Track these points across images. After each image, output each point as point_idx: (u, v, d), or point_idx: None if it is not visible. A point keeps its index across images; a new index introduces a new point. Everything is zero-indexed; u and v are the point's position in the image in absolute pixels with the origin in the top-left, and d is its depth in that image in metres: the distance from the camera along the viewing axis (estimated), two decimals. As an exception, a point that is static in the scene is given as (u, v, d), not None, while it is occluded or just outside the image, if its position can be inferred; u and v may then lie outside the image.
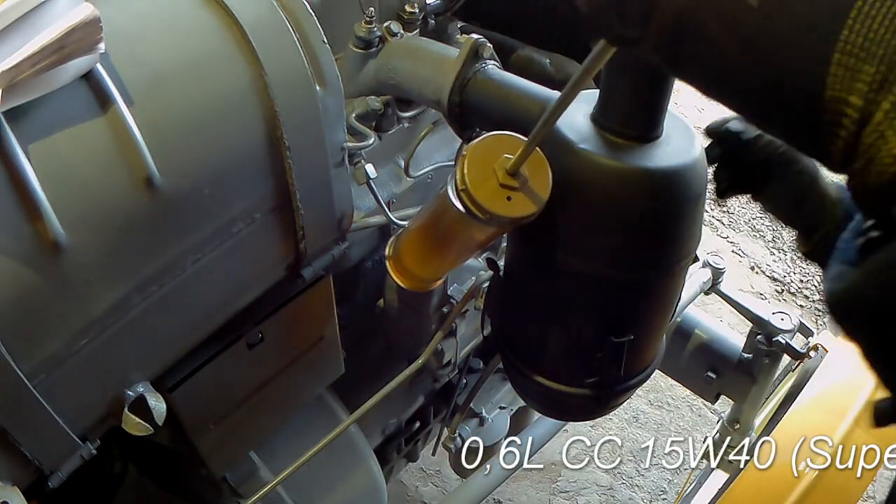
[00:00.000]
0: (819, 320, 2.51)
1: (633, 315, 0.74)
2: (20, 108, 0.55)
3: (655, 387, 2.36)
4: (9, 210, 0.55)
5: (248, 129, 0.67)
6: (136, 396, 0.68)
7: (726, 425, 1.61)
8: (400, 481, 2.06)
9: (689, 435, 2.27)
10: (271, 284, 0.80)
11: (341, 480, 1.14)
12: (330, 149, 0.74)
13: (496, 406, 1.54)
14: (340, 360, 1.00)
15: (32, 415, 0.60)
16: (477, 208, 0.60)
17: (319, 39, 0.71)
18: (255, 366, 0.86)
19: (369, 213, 0.95)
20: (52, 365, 0.60)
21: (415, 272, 0.82)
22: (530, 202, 0.61)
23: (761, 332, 1.43)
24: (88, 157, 0.58)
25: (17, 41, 0.53)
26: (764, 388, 1.51)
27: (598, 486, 2.13)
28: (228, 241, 0.69)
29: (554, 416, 1.18)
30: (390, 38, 0.86)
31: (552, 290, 0.73)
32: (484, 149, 0.62)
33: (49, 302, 0.58)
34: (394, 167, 1.02)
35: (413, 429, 1.41)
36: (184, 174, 0.63)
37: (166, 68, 0.63)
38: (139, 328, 0.65)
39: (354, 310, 1.07)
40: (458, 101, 0.81)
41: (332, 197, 0.78)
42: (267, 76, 0.67)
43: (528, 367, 0.82)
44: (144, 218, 0.61)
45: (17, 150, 0.55)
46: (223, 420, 0.87)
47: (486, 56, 0.82)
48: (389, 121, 0.91)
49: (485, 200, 0.60)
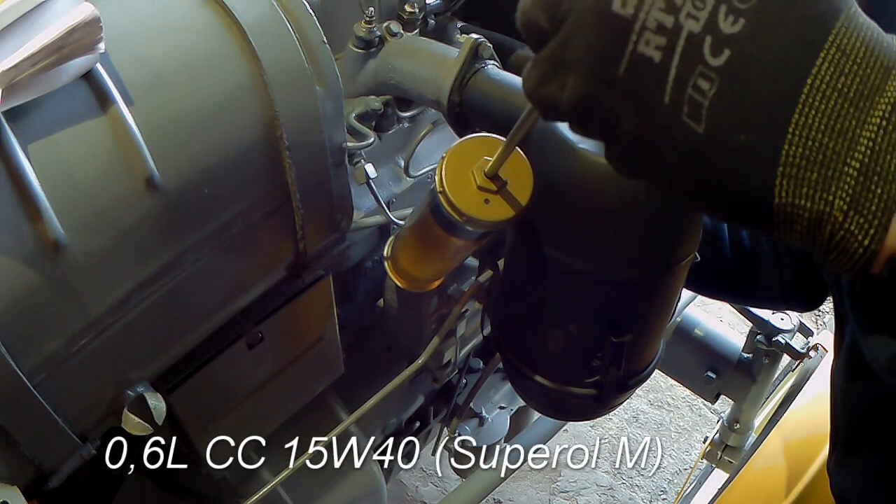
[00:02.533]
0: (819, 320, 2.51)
1: (633, 315, 0.73)
2: (20, 107, 0.55)
3: (655, 387, 2.36)
4: (9, 210, 0.55)
5: (248, 129, 0.67)
6: (136, 396, 0.68)
7: (726, 425, 1.61)
8: (400, 481, 2.06)
9: (688, 435, 2.27)
10: (271, 284, 0.80)
11: (341, 480, 1.14)
12: (330, 149, 0.74)
13: (496, 406, 1.54)
14: (340, 360, 1.00)
15: (32, 415, 0.60)
16: (454, 211, 0.60)
17: (319, 39, 0.71)
18: (255, 366, 0.86)
19: (369, 213, 0.95)
20: (52, 365, 0.60)
21: (412, 273, 0.82)
22: (508, 206, 0.60)
23: (761, 331, 1.43)
24: (88, 157, 0.58)
25: (17, 41, 0.53)
26: (764, 388, 1.51)
27: (598, 486, 2.13)
28: (228, 241, 0.69)
29: (554, 416, 1.18)
30: (390, 38, 0.86)
31: (551, 289, 0.73)
32: (464, 150, 0.61)
33: (49, 302, 0.58)
34: (394, 167, 1.02)
35: (413, 429, 1.41)
36: (184, 174, 0.63)
37: (166, 68, 0.63)
38: (139, 328, 0.65)
39: (354, 310, 1.07)
40: (458, 101, 0.81)
41: (331, 197, 0.78)
42: (267, 76, 0.67)
43: (528, 367, 0.82)
44: (144, 218, 0.61)
45: (17, 150, 0.55)
46: (223, 420, 0.87)
47: (486, 56, 0.82)
48: (389, 121, 0.91)
49: (461, 203, 0.59)
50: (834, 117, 0.30)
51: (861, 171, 0.30)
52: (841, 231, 0.30)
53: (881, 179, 0.29)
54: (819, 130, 0.30)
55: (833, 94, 0.30)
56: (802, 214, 0.31)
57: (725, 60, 0.31)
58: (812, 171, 0.30)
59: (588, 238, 0.68)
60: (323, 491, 1.13)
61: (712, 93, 0.31)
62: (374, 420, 1.27)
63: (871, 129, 0.30)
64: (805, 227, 0.31)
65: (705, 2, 0.31)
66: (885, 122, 0.30)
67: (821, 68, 0.30)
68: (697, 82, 0.31)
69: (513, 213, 0.60)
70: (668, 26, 0.31)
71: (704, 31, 0.31)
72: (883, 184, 0.29)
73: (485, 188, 0.60)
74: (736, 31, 0.30)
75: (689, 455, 2.22)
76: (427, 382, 1.31)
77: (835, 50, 0.30)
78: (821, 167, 0.30)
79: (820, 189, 0.30)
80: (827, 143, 0.30)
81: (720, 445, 1.63)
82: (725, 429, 1.61)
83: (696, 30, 0.31)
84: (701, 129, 0.31)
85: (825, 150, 0.30)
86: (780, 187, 0.31)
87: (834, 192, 0.30)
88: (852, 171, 0.30)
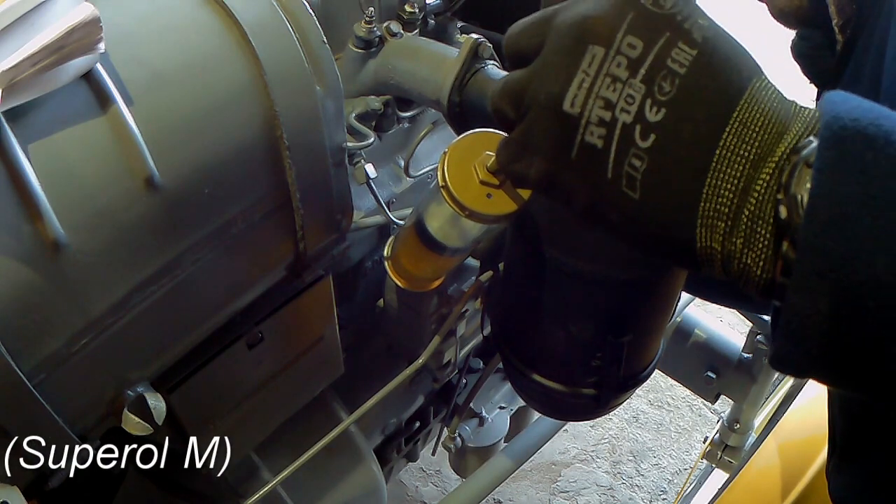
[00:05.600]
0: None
1: (633, 315, 0.74)
2: (20, 108, 0.55)
3: (655, 387, 2.36)
4: (9, 210, 0.55)
5: (248, 129, 0.67)
6: (135, 396, 0.68)
7: (726, 425, 1.61)
8: (400, 481, 2.06)
9: (688, 435, 2.27)
10: (271, 284, 0.80)
11: (341, 480, 1.14)
12: (330, 149, 0.74)
13: (496, 406, 1.54)
14: (340, 360, 1.00)
15: (32, 415, 0.60)
16: (457, 206, 0.60)
17: (319, 39, 0.71)
18: (255, 366, 0.86)
19: (369, 213, 0.95)
20: (52, 365, 0.60)
21: (412, 272, 0.82)
22: (511, 201, 0.60)
23: (761, 331, 1.43)
24: (88, 157, 0.58)
25: (17, 41, 0.53)
26: (764, 388, 1.51)
27: (598, 486, 2.13)
28: (228, 241, 0.69)
29: (554, 416, 1.18)
30: (390, 38, 0.86)
31: (551, 289, 0.73)
32: (466, 146, 0.61)
33: (49, 302, 0.58)
34: (394, 167, 1.02)
35: (413, 429, 1.41)
36: (184, 174, 0.63)
37: (166, 68, 0.63)
38: (139, 328, 0.65)
39: (354, 310, 1.07)
40: (458, 101, 0.81)
41: (331, 197, 0.78)
42: (267, 76, 0.67)
43: (527, 367, 0.82)
44: (144, 218, 0.61)
45: (17, 150, 0.55)
46: (223, 420, 0.87)
47: (486, 56, 0.82)
48: (389, 121, 0.91)
49: (464, 198, 0.60)
50: (736, 178, 0.38)
51: (750, 218, 0.37)
52: (741, 265, 0.38)
53: (764, 223, 0.37)
54: (725, 189, 0.38)
55: (736, 159, 0.38)
56: (717, 255, 0.39)
57: (652, 143, 0.39)
58: (720, 222, 0.38)
59: (588, 238, 0.68)
60: (323, 491, 1.13)
61: (644, 168, 0.39)
62: (374, 420, 1.27)
63: (761, 185, 0.37)
64: (720, 264, 0.39)
65: (634, 98, 0.39)
66: (770, 179, 0.37)
67: (726, 140, 0.38)
68: (632, 161, 0.39)
69: (515, 208, 0.60)
70: (606, 120, 0.39)
71: (635, 121, 0.39)
72: (766, 226, 0.37)
73: (487, 183, 0.60)
74: (659, 118, 0.39)
75: (689, 455, 2.22)
76: (427, 382, 1.31)
77: (738, 124, 0.38)
78: (727, 218, 0.38)
79: (727, 235, 0.38)
80: (731, 199, 0.38)
81: (720, 445, 1.63)
82: (725, 429, 1.61)
83: (628, 121, 0.39)
84: (637, 196, 0.40)
85: (729, 205, 0.38)
86: (699, 236, 0.39)
87: (736, 235, 0.38)
88: (745, 219, 0.38)
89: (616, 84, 0.39)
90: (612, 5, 0.40)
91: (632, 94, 0.39)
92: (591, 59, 0.39)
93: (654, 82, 0.39)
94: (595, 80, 0.39)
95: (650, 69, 0.39)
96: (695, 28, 0.39)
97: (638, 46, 0.39)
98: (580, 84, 0.40)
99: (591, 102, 0.39)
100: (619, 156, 0.39)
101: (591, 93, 0.39)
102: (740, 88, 0.38)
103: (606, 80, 0.39)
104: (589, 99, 0.40)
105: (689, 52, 0.39)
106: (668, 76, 0.38)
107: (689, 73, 0.38)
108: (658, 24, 0.39)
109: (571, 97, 0.40)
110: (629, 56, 0.39)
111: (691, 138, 0.38)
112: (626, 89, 0.39)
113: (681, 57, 0.39)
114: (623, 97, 0.39)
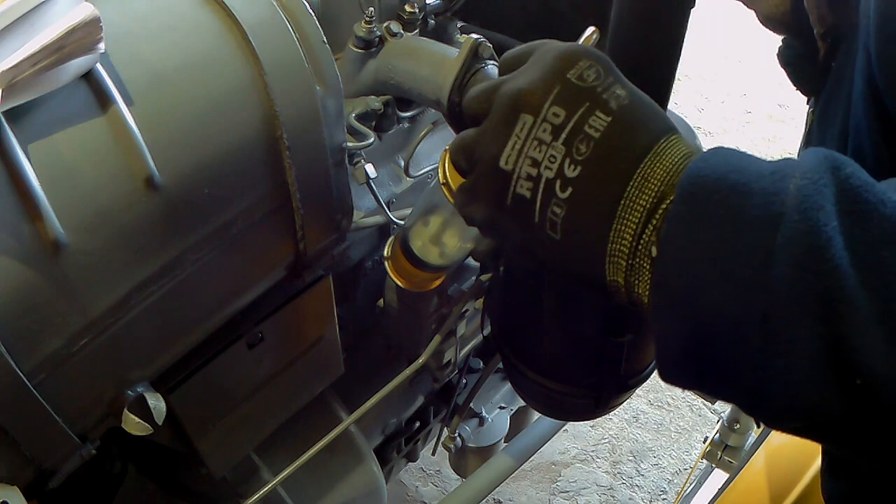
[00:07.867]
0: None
1: (633, 315, 0.74)
2: (20, 107, 0.55)
3: (655, 387, 2.36)
4: (9, 210, 0.55)
5: (248, 129, 0.67)
6: (136, 396, 0.68)
7: (726, 425, 1.61)
8: (400, 481, 2.06)
9: (688, 435, 2.27)
10: (271, 284, 0.80)
11: (341, 480, 1.14)
12: (330, 149, 0.74)
13: (496, 406, 1.54)
14: (340, 360, 1.00)
15: (32, 415, 0.60)
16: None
17: (319, 39, 0.71)
18: (255, 366, 0.86)
19: (369, 213, 0.95)
20: (52, 365, 0.60)
21: (412, 272, 0.82)
22: None
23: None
24: (88, 157, 0.58)
25: (17, 41, 0.53)
26: (764, 388, 1.50)
27: (598, 486, 2.13)
28: (228, 241, 0.69)
29: (554, 416, 1.18)
30: (390, 38, 0.87)
31: (551, 289, 0.73)
32: None
33: (49, 301, 0.58)
34: (394, 167, 1.02)
35: (413, 429, 1.41)
36: (184, 174, 0.63)
37: (166, 68, 0.63)
38: (139, 328, 0.65)
39: (354, 310, 1.07)
40: (458, 101, 0.81)
41: (331, 197, 0.78)
42: (266, 76, 0.67)
43: (528, 367, 0.82)
44: (144, 218, 0.61)
45: (17, 150, 0.55)
46: (223, 420, 0.87)
47: (486, 56, 0.82)
48: (389, 121, 0.91)
49: None
50: (634, 223, 0.44)
51: (640, 257, 0.45)
52: (636, 296, 0.46)
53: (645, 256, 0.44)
54: (626, 232, 0.45)
55: (636, 208, 0.44)
56: (621, 287, 0.46)
57: (569, 195, 0.46)
58: (622, 260, 0.45)
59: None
60: (323, 491, 1.13)
61: (563, 215, 0.46)
62: (374, 420, 1.27)
63: (650, 229, 0.44)
64: (625, 293, 0.47)
65: (556, 157, 0.46)
66: (657, 223, 0.44)
67: (630, 192, 0.44)
68: (553, 209, 0.46)
69: None
70: (533, 175, 0.47)
71: (556, 176, 0.46)
72: (642, 259, 0.45)
73: None
74: (576, 174, 0.46)
75: (689, 455, 2.22)
76: (427, 382, 1.31)
77: (640, 178, 0.44)
78: (627, 256, 0.45)
79: (626, 269, 0.45)
80: (630, 241, 0.45)
81: (720, 445, 1.63)
82: (725, 429, 1.61)
83: (550, 176, 0.46)
84: (558, 238, 0.47)
85: (629, 245, 0.45)
86: (608, 271, 0.46)
87: (630, 268, 0.45)
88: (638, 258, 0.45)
89: (542, 146, 0.46)
90: (542, 80, 0.47)
91: (554, 155, 0.46)
92: (523, 126, 0.47)
93: (572, 145, 0.46)
94: (525, 142, 0.47)
95: (570, 134, 0.46)
96: (612, 98, 0.46)
97: (561, 115, 0.46)
98: (513, 146, 0.47)
99: (521, 161, 0.47)
100: (544, 204, 0.47)
101: (521, 153, 0.47)
102: (647, 148, 0.45)
103: (534, 143, 0.47)
104: (520, 158, 0.47)
105: (605, 118, 0.46)
106: (584, 140, 0.46)
107: (602, 136, 0.45)
108: (580, 95, 0.46)
109: (506, 156, 0.47)
110: (553, 123, 0.46)
111: (601, 190, 0.45)
112: (550, 150, 0.46)
113: (597, 123, 0.46)
114: (547, 157, 0.46)
